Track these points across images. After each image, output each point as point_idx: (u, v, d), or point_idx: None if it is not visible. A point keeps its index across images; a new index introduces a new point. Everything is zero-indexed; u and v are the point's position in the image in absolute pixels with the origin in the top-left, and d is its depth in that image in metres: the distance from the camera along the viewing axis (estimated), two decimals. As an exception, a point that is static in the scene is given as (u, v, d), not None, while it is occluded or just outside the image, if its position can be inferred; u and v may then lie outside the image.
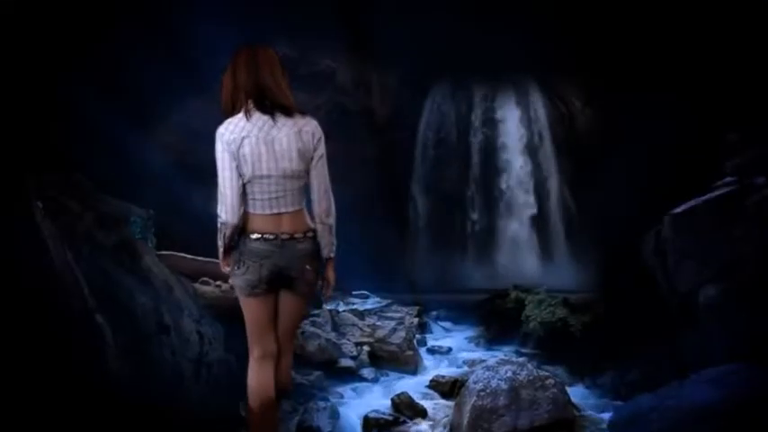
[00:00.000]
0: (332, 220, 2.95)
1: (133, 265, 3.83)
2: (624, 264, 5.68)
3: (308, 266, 2.93)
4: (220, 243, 2.94)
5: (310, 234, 2.93)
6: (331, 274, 3.05)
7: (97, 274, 3.37)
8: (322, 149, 2.89)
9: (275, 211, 2.88)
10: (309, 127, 2.87)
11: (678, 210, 4.67)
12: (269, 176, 2.84)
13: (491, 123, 11.16)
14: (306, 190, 2.94)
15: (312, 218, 2.94)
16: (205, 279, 5.15)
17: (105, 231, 3.77)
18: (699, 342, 4.40)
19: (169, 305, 3.86)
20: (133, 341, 3.39)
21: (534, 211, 10.82)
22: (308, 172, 2.90)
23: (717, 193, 4.64)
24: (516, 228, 10.80)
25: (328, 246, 2.97)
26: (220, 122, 2.89)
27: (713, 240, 4.46)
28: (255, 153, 2.81)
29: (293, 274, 2.92)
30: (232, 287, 5.05)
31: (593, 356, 5.42)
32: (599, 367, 5.29)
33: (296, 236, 2.89)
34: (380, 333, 5.80)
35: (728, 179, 4.72)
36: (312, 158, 2.88)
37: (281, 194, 2.87)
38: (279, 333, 3.02)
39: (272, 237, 2.87)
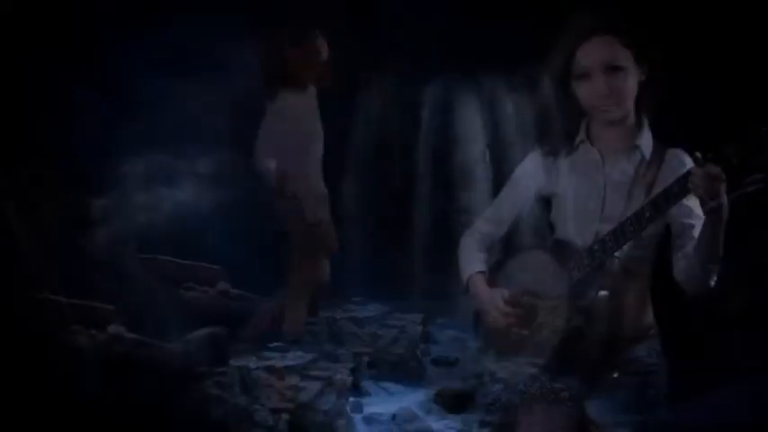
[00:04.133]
0: None
1: (112, 268, 3.83)
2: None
3: None
4: None
5: None
6: None
7: (73, 277, 3.36)
8: None
9: None
10: None
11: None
12: None
13: (500, 119, 11.11)
14: None
15: None
16: (190, 284, 5.14)
17: (82, 232, 3.77)
18: (725, 352, 4.39)
19: (152, 313, 3.85)
20: (112, 352, 3.38)
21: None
22: None
23: (744, 190, 4.62)
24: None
25: None
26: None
27: (740, 242, 4.44)
28: None
29: None
30: (219, 293, 5.09)
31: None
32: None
33: None
34: (381, 342, 5.80)
35: (757, 176, 4.69)
36: None
37: None
38: None
39: None
